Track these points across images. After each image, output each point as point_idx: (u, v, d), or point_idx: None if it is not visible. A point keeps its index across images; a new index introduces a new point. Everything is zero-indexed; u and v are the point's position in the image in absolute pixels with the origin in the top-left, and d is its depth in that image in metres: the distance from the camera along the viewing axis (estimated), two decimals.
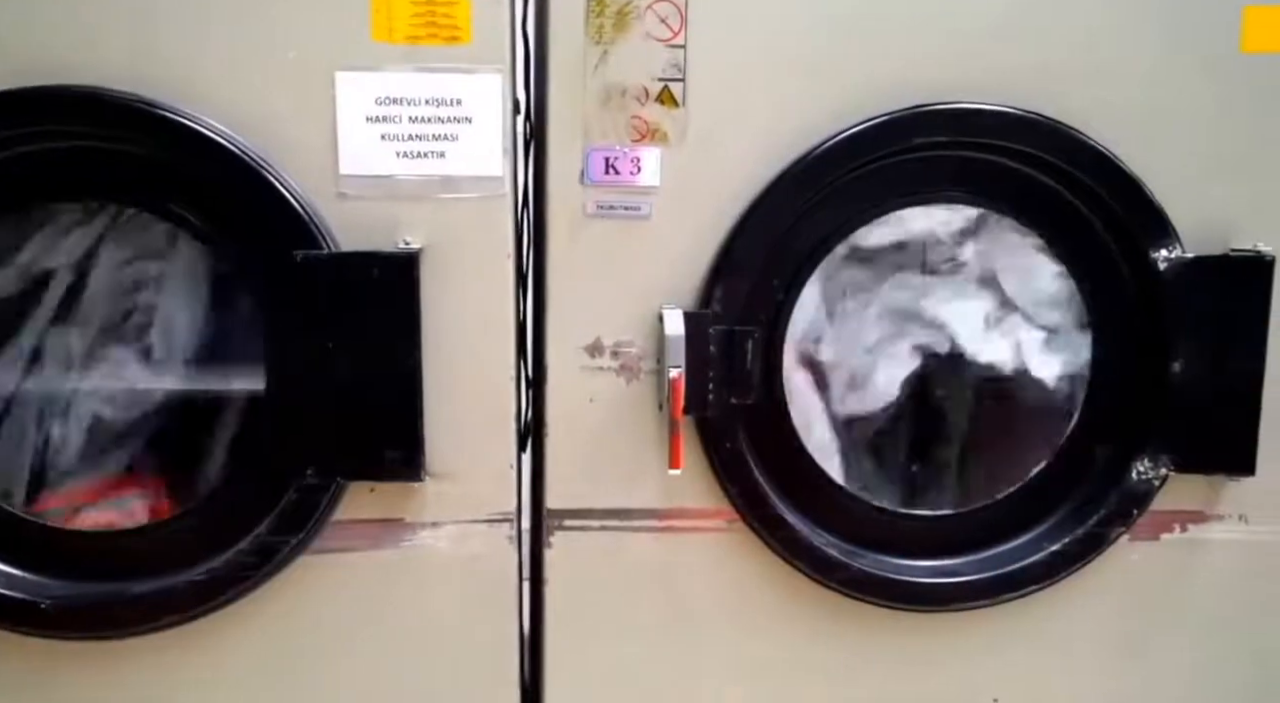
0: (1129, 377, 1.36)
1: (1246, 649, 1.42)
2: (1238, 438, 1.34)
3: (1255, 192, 1.33)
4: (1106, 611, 1.40)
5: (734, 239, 1.28)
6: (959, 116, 1.28)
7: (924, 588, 1.36)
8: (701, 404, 1.30)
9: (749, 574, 1.37)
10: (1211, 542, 1.39)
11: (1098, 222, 1.34)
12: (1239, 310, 1.32)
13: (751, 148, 1.28)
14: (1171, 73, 1.31)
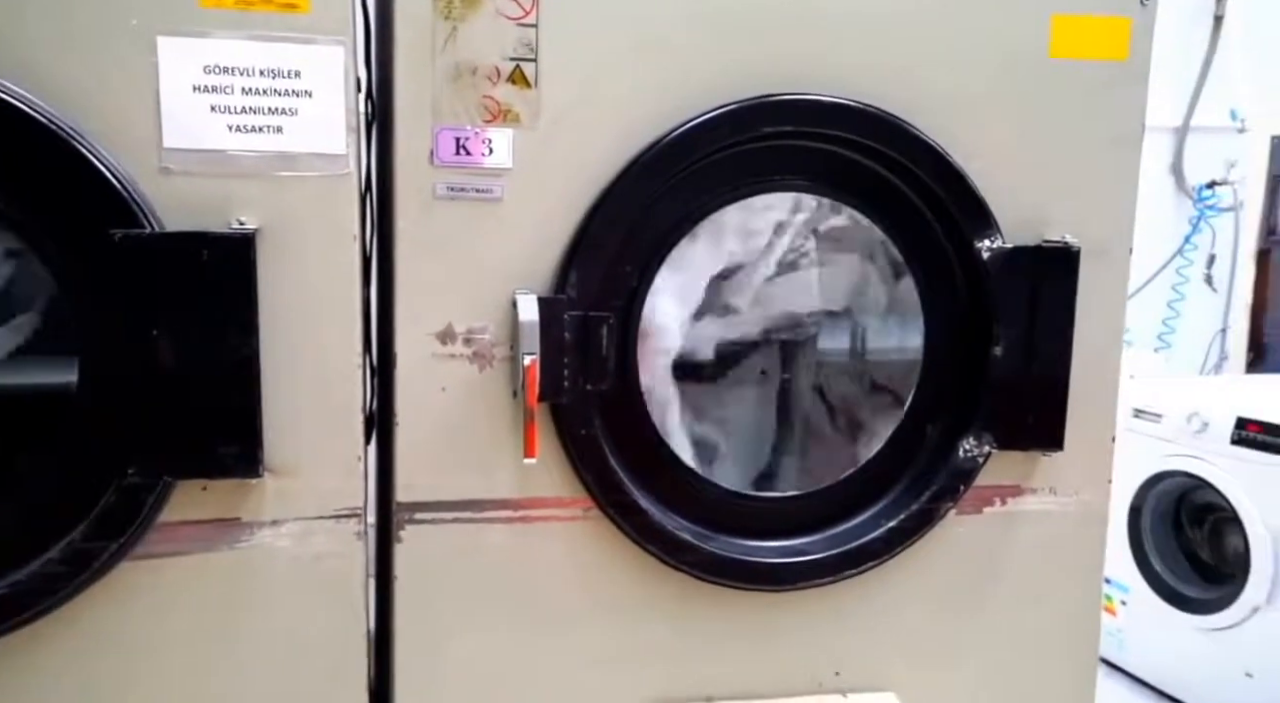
0: (957, 360, 1.36)
1: (1057, 608, 1.44)
2: (1049, 417, 1.36)
3: (1063, 187, 1.36)
4: (936, 581, 1.39)
5: (588, 223, 1.19)
6: (803, 108, 1.24)
7: (772, 568, 1.32)
8: (556, 391, 1.20)
9: (605, 561, 1.29)
10: (1026, 513, 1.41)
11: (928, 212, 1.33)
12: (1050, 298, 1.34)
13: (606, 132, 1.20)
14: (990, 73, 1.32)
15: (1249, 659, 2.32)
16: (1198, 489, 2.50)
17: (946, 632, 1.41)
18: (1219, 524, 2.52)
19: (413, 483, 1.22)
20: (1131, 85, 1.38)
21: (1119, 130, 1.38)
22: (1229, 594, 2.37)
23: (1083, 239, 1.34)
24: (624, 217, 1.20)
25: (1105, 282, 1.39)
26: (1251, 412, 2.35)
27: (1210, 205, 3.40)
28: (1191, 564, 2.57)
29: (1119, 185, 1.39)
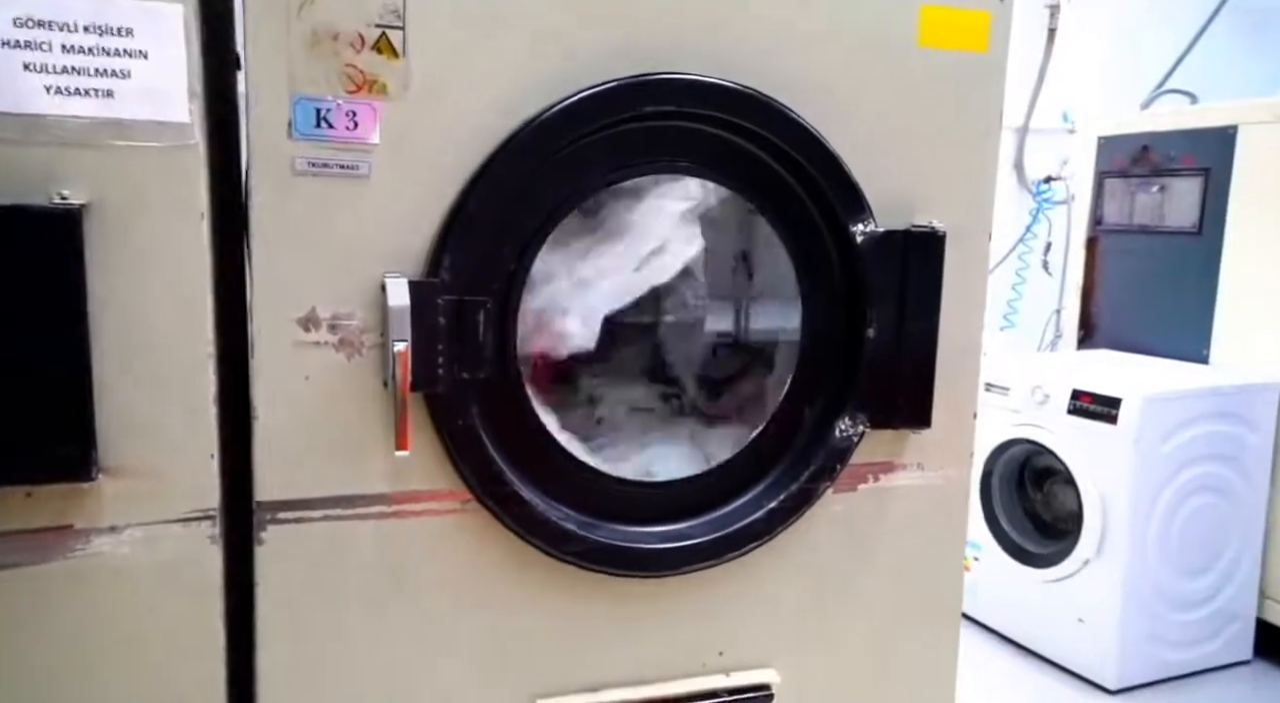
0: (833, 343, 1.31)
1: (924, 576, 1.43)
2: (919, 396, 1.33)
3: (930, 173, 1.33)
4: (814, 557, 1.35)
5: (463, 203, 1.08)
6: (684, 88, 1.16)
7: (656, 553, 1.24)
8: (430, 380, 1.08)
9: (485, 555, 1.18)
10: (897, 488, 1.38)
11: (805, 196, 1.27)
12: (919, 281, 1.31)
13: (482, 107, 1.08)
14: (864, 59, 1.27)
15: (1081, 606, 2.42)
16: (1039, 455, 2.58)
17: (824, 605, 1.37)
18: (1056, 486, 2.63)
19: (274, 480, 1.08)
20: (991, 77, 1.35)
21: (980, 120, 1.36)
22: (1064, 549, 2.47)
23: (947, 224, 1.31)
24: (502, 196, 1.09)
25: (967, 265, 1.37)
26: (1084, 384, 2.44)
27: (1047, 198, 3.53)
28: (1033, 523, 2.66)
29: (980, 173, 1.37)
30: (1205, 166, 2.67)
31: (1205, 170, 2.67)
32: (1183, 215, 2.75)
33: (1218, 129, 2.64)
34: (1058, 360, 2.78)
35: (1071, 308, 3.14)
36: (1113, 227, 2.98)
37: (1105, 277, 3.02)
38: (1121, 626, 2.34)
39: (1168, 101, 3.27)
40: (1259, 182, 2.53)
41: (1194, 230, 2.71)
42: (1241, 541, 2.46)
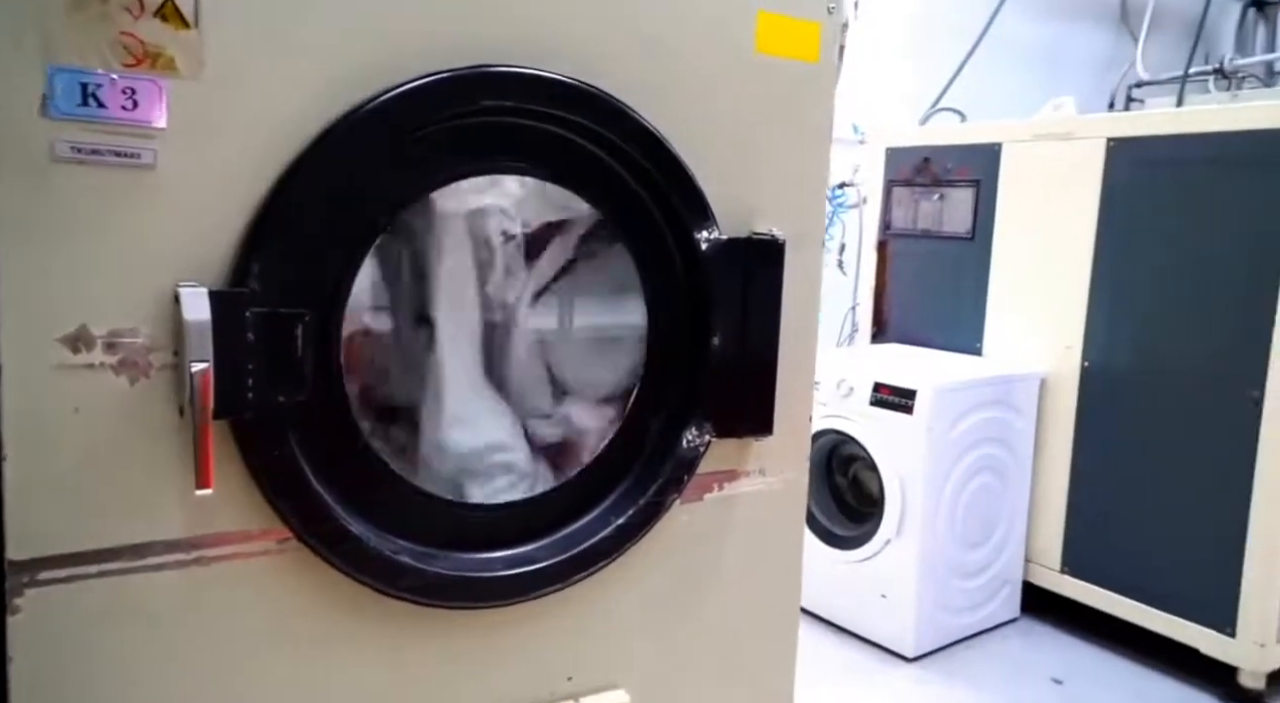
0: (678, 352, 1.24)
1: (767, 577, 1.40)
2: (762, 404, 1.30)
3: (769, 180, 1.29)
4: (662, 573, 1.29)
5: (275, 202, 0.90)
6: (526, 83, 1.04)
7: (501, 581, 1.12)
8: (238, 405, 0.90)
9: (308, 600, 1.01)
10: (741, 495, 1.34)
11: (651, 202, 1.19)
12: (761, 288, 1.27)
13: (296, 90, 0.91)
14: (707, 64, 1.21)
15: (884, 584, 2.55)
16: (845, 444, 2.69)
17: (671, 619, 1.31)
18: (860, 472, 2.75)
19: (34, 533, 0.86)
20: (822, 87, 1.34)
21: (813, 130, 1.34)
22: (869, 531, 2.58)
23: (785, 232, 1.28)
24: (321, 195, 0.92)
25: (803, 272, 1.35)
26: (884, 378, 2.55)
27: (841, 203, 3.70)
28: (840, 507, 2.77)
29: (814, 182, 1.36)
30: (977, 179, 2.88)
31: (977, 182, 2.89)
32: (958, 222, 2.96)
33: (986, 145, 2.85)
34: (859, 356, 2.90)
35: (865, 305, 3.30)
36: (900, 231, 3.16)
37: (894, 277, 3.20)
38: (918, 598, 2.49)
39: (942, 118, 3.52)
40: (1020, 193, 2.76)
41: (968, 236, 2.92)
42: (1012, 513, 2.68)
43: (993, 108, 3.39)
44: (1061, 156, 2.64)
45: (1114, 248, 2.52)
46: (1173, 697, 2.33)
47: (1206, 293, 2.33)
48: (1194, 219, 2.35)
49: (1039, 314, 2.72)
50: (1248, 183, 2.24)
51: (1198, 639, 2.34)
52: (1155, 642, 2.42)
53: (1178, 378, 2.39)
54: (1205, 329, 2.33)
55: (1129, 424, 2.50)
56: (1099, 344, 2.57)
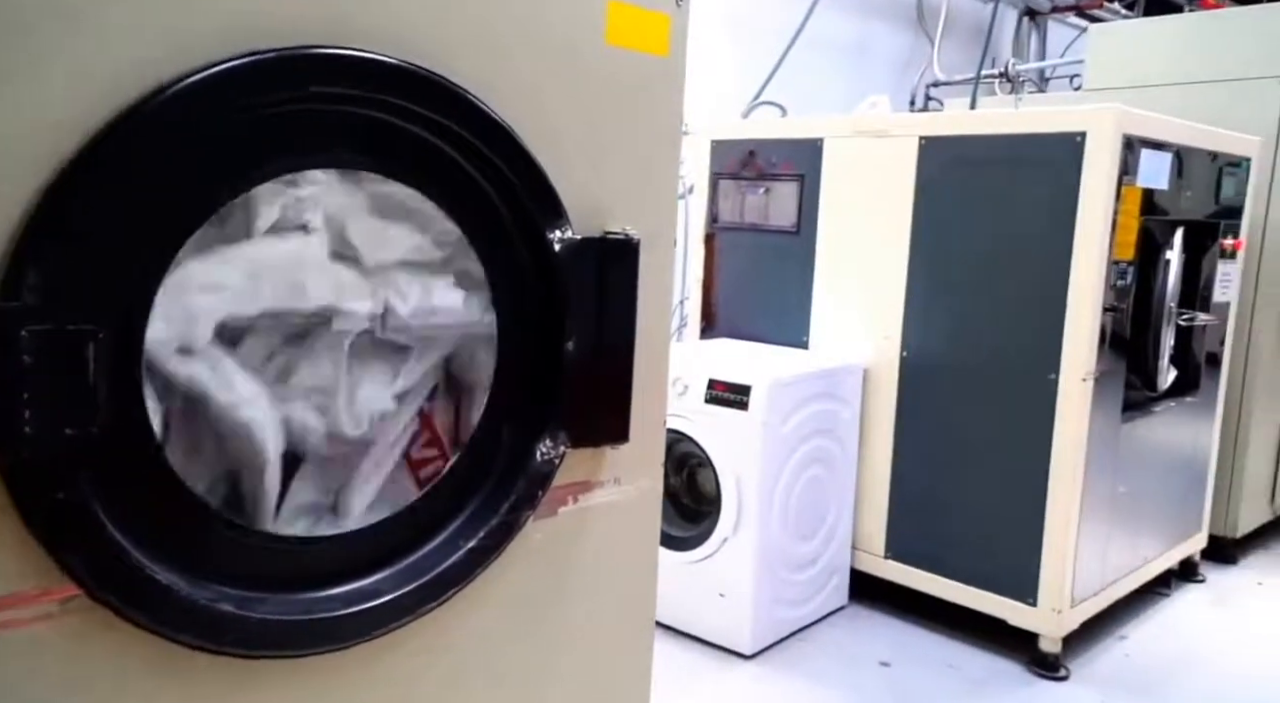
0: (530, 358, 1.21)
1: (623, 588, 1.41)
2: (618, 411, 1.29)
3: (621, 178, 1.29)
4: (516, 594, 1.25)
5: (56, 198, 0.78)
6: (360, 67, 0.97)
7: (338, 622, 1.04)
8: (10, 442, 0.77)
9: (103, 668, 0.89)
10: (596, 506, 1.34)
11: (499, 200, 1.15)
12: (616, 290, 1.27)
13: (79, 70, 0.78)
14: (558, 55, 1.18)
15: (721, 583, 2.64)
16: (680, 442, 2.75)
17: (526, 641, 1.28)
18: (696, 472, 2.82)
19: None
20: (672, 82, 1.35)
21: (663, 125, 1.35)
22: (706, 530, 2.66)
23: (638, 231, 1.28)
24: (115, 190, 0.81)
25: (656, 272, 1.36)
26: (718, 374, 2.64)
27: None
28: (677, 509, 2.83)
29: (665, 179, 1.37)
30: (801, 173, 3.05)
31: (801, 176, 3.05)
32: (784, 216, 3.11)
33: (808, 140, 3.02)
34: (692, 352, 2.98)
35: (694, 299, 3.40)
36: (727, 224, 3.27)
37: (722, 270, 3.32)
38: (755, 595, 2.60)
39: (764, 112, 3.68)
40: (842, 188, 2.94)
41: (793, 230, 3.08)
42: (840, 504, 2.87)
43: (810, 102, 3.59)
44: (879, 153, 2.84)
45: (927, 242, 2.75)
46: (985, 667, 2.59)
47: (1008, 284, 2.59)
48: (994, 214, 2.61)
49: (861, 306, 2.91)
50: (1037, 181, 2.52)
51: (1005, 611, 2.61)
52: (970, 617, 2.68)
53: (985, 364, 2.65)
54: (1008, 317, 2.60)
55: (943, 411, 2.75)
56: (915, 334, 2.80)
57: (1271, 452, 3.53)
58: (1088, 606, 2.64)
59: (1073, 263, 2.46)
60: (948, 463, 2.75)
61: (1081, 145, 2.44)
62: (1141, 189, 2.56)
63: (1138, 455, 2.79)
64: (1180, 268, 2.86)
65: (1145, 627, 2.90)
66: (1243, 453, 3.37)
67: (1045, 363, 2.52)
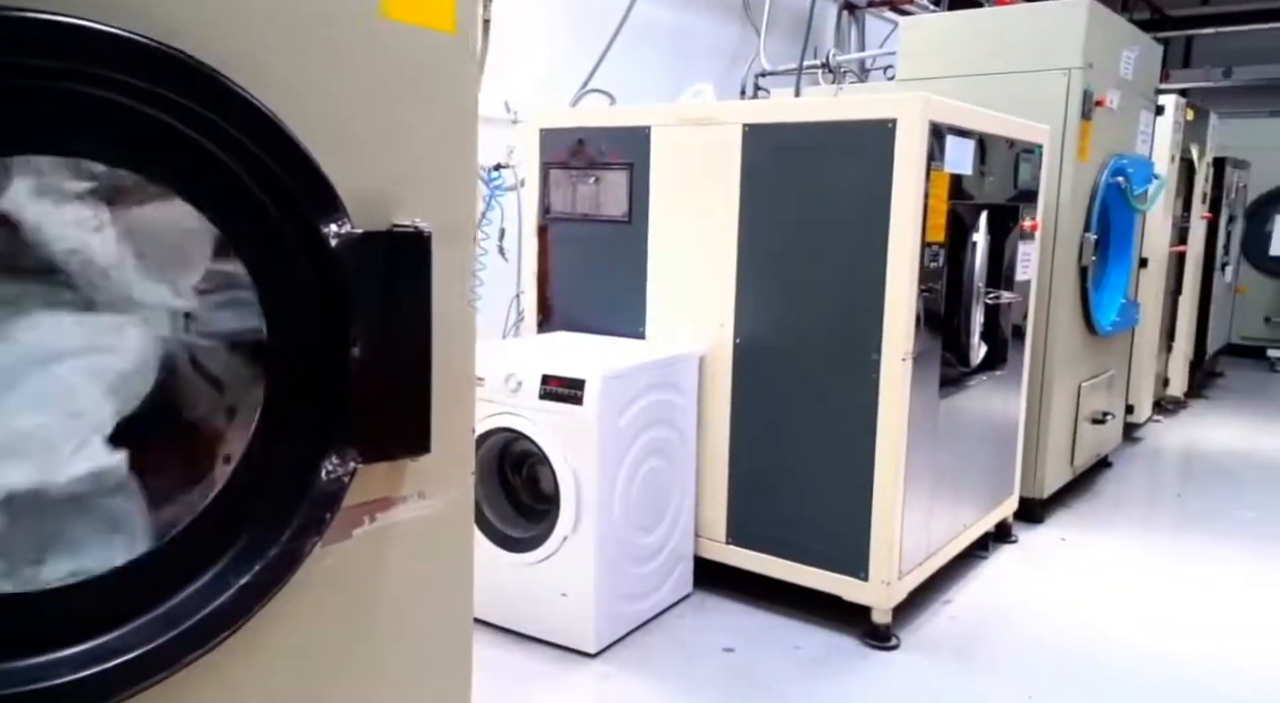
0: (310, 365, 1.08)
1: (434, 607, 1.30)
2: (416, 419, 1.18)
3: (409, 166, 1.17)
4: (307, 631, 1.12)
5: None
6: (74, 36, 0.81)
7: (71, 688, 0.88)
8: None
9: None
10: (398, 525, 1.22)
11: (262, 192, 1.01)
12: (406, 288, 1.15)
13: None
14: (321, 28, 1.05)
15: (563, 582, 2.56)
16: (516, 441, 2.65)
17: (323, 680, 1.15)
18: (534, 470, 2.73)
19: None
20: (463, 62, 1.25)
21: (456, 108, 1.25)
22: (546, 530, 2.58)
23: (431, 223, 1.17)
24: None
25: (454, 267, 1.26)
26: (552, 369, 2.55)
27: (498, 186, 3.65)
28: (517, 509, 2.73)
29: (460, 167, 1.26)
30: (630, 161, 3.00)
31: (630, 165, 3.00)
32: (615, 205, 3.06)
33: (636, 128, 2.97)
34: (525, 347, 2.88)
35: (530, 292, 3.30)
36: (560, 215, 3.19)
37: (556, 262, 3.23)
38: (597, 592, 2.54)
39: (593, 100, 3.61)
40: (671, 176, 2.92)
41: (625, 219, 3.03)
42: (681, 493, 2.85)
43: (641, 91, 3.55)
44: (705, 141, 2.83)
45: (755, 229, 2.76)
46: (824, 644, 2.65)
47: (831, 268, 2.64)
48: (816, 200, 2.65)
49: (695, 294, 2.90)
50: (854, 167, 2.57)
51: (840, 587, 2.67)
52: (811, 596, 2.72)
53: (813, 348, 2.69)
54: (832, 301, 2.65)
55: (776, 395, 2.77)
56: (747, 321, 2.81)
57: (1070, 417, 3.80)
58: (915, 575, 2.74)
59: (889, 246, 2.53)
60: (782, 446, 2.78)
61: (893, 132, 2.50)
62: (949, 174, 2.66)
63: (955, 429, 2.93)
64: (986, 249, 3.02)
65: (968, 589, 3.05)
66: (1046, 419, 3.61)
67: (868, 344, 2.59)
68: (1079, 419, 3.86)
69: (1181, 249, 5.28)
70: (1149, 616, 2.90)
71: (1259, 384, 6.68)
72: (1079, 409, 3.85)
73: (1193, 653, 2.66)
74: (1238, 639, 2.75)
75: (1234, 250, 6.56)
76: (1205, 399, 6.06)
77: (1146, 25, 5.33)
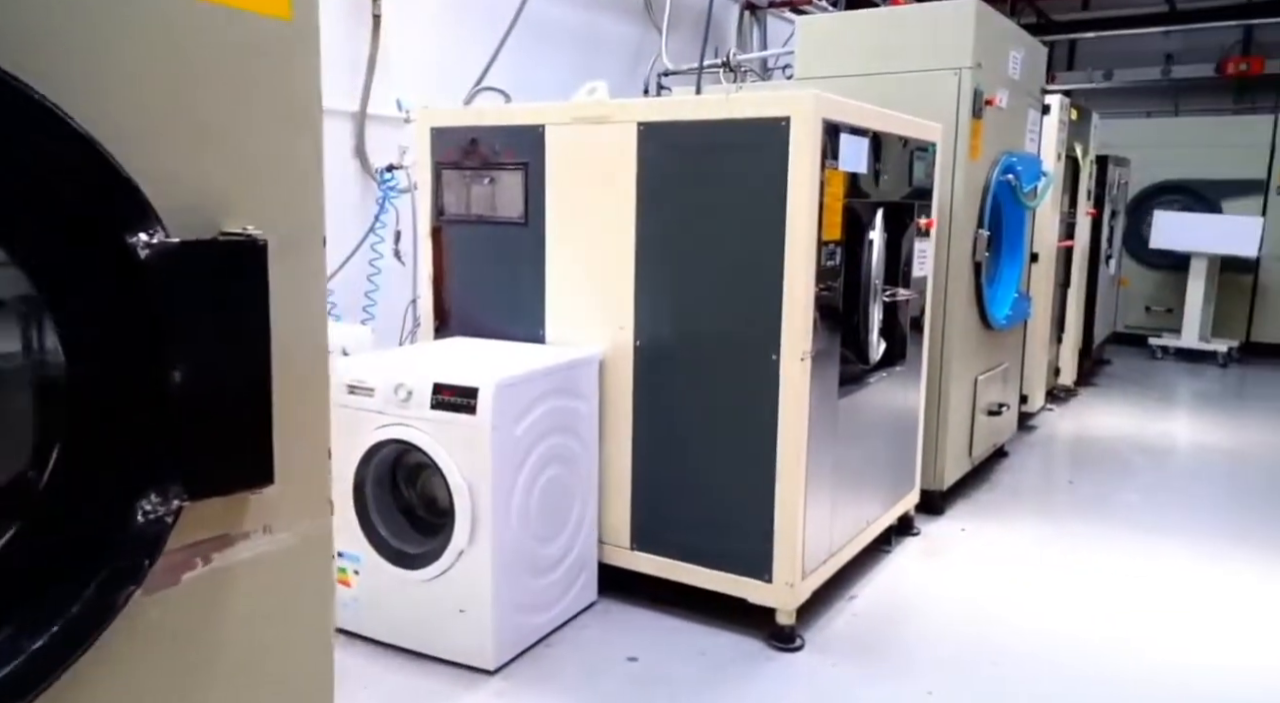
0: (123, 392, 0.95)
1: (289, 650, 1.18)
2: (254, 447, 1.06)
3: (238, 167, 1.05)
4: (135, 691, 0.99)
5: None
6: None
7: None
8: None
9: None
10: (240, 565, 1.10)
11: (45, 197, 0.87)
12: (238, 303, 1.03)
13: None
14: (127, 15, 0.92)
15: (460, 598, 2.45)
16: (409, 453, 2.52)
17: None
18: (429, 482, 2.60)
19: None
20: (302, 52, 1.13)
21: (295, 103, 1.13)
22: (441, 544, 2.46)
23: (269, 229, 1.06)
24: None
25: (300, 277, 1.14)
26: (444, 377, 2.43)
27: (392, 187, 3.49)
28: (412, 523, 2.60)
29: (303, 167, 1.14)
30: (525, 161, 2.89)
31: (525, 165, 2.89)
32: (511, 206, 2.94)
33: (530, 127, 2.86)
34: (417, 354, 2.74)
35: (426, 296, 3.16)
36: (454, 217, 3.06)
37: (452, 265, 3.10)
38: (496, 606, 2.43)
39: (487, 98, 3.49)
40: (567, 176, 2.82)
41: (521, 220, 2.92)
42: (584, 500, 2.76)
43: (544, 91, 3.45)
44: (600, 140, 2.74)
45: (652, 229, 2.70)
46: (730, 648, 2.60)
47: (729, 268, 2.59)
48: (713, 200, 2.60)
49: (594, 297, 2.82)
50: (750, 166, 2.53)
51: (744, 590, 2.63)
52: (716, 599, 2.67)
53: (713, 349, 2.64)
54: (731, 302, 2.60)
55: (678, 398, 2.71)
56: (647, 323, 2.74)
57: (968, 409, 3.87)
58: (819, 574, 2.72)
59: (786, 245, 2.50)
60: (685, 449, 2.72)
61: (787, 130, 2.46)
62: (844, 172, 2.64)
63: (856, 426, 2.92)
64: (883, 247, 3.02)
65: (872, 584, 3.05)
66: (945, 413, 3.66)
67: (767, 344, 2.55)
68: (976, 411, 3.93)
69: (1069, 244, 5.46)
70: (1044, 602, 2.95)
71: (1143, 370, 6.99)
72: (976, 402, 3.92)
73: (1086, 636, 2.72)
74: (1127, 621, 2.83)
75: (1117, 244, 6.85)
76: (1094, 387, 6.30)
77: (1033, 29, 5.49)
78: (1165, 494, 4.12)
